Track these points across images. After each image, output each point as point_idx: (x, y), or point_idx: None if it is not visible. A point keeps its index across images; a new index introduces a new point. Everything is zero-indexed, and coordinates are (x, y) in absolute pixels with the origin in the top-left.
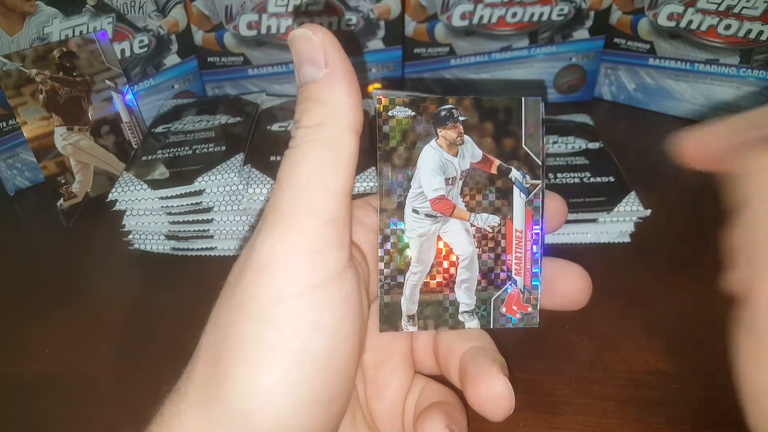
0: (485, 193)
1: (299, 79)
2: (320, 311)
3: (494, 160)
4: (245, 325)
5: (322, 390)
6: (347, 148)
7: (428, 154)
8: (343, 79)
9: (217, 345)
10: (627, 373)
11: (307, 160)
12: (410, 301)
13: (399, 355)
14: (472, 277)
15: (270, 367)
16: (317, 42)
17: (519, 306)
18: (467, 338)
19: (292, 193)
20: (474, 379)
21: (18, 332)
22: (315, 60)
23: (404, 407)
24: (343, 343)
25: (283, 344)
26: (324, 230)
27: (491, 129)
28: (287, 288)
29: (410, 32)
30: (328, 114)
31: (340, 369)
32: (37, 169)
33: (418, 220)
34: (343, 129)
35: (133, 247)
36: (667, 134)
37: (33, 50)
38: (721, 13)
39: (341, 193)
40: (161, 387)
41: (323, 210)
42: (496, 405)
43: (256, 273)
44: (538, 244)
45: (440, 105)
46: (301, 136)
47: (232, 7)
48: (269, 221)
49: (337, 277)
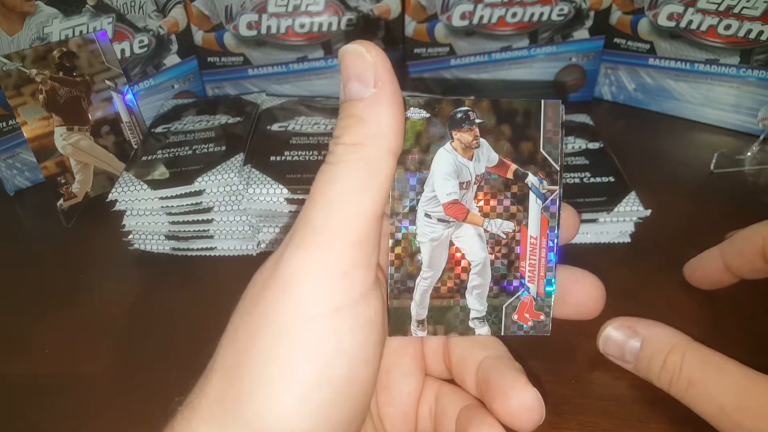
0: (500, 198)
1: (344, 94)
2: (343, 334)
3: (510, 164)
4: (265, 342)
5: (339, 413)
6: (384, 171)
7: (442, 158)
8: (390, 102)
9: (236, 361)
10: (627, 373)
11: (342, 178)
12: (420, 306)
13: (410, 360)
14: (484, 284)
15: (289, 388)
16: (370, 60)
17: (531, 314)
18: (481, 346)
19: (325, 211)
20: (502, 391)
21: (18, 332)
22: (364, 78)
23: (417, 412)
24: (363, 367)
25: (304, 366)
26: (352, 251)
27: (508, 132)
28: (311, 308)
29: (410, 32)
30: (370, 135)
31: (359, 392)
32: (37, 169)
33: (430, 224)
34: (382, 152)
35: (133, 247)
36: (667, 134)
37: (33, 50)
38: (721, 13)
39: (373, 215)
40: (161, 387)
41: (354, 231)
42: (528, 417)
43: (279, 290)
44: (553, 252)
45: (456, 107)
46: (339, 153)
47: (232, 7)
48: (298, 237)
49: (361, 300)
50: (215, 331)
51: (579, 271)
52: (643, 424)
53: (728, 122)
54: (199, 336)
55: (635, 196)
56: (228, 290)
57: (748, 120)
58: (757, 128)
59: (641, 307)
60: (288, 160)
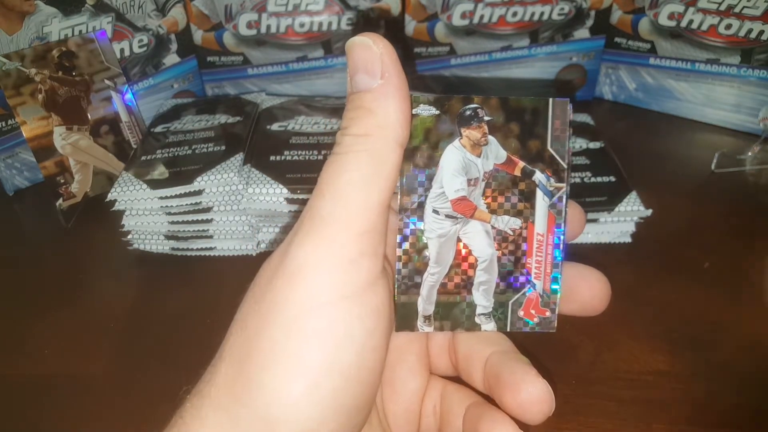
0: (508, 195)
1: (351, 86)
2: (351, 322)
3: (518, 161)
4: (274, 331)
5: (348, 401)
6: (391, 162)
7: (451, 154)
8: (397, 93)
9: (244, 349)
10: (627, 373)
11: (350, 169)
12: (427, 301)
13: (415, 357)
14: (490, 280)
15: (298, 376)
16: (377, 52)
17: (537, 310)
18: (488, 342)
19: (332, 201)
20: (512, 385)
21: (18, 332)
22: (371, 70)
23: (421, 409)
24: (371, 354)
25: (313, 354)
26: (359, 241)
27: (516, 130)
28: (319, 297)
29: (410, 32)
30: (378, 126)
31: (367, 380)
32: (36, 168)
33: (438, 220)
34: (389, 142)
35: (132, 247)
36: (668, 134)
37: (32, 50)
38: (722, 12)
39: (380, 205)
40: (161, 386)
41: (361, 221)
42: (539, 409)
43: (288, 279)
44: (560, 248)
45: (465, 104)
46: (347, 144)
47: (231, 7)
48: (306, 227)
49: (368, 289)
50: (215, 331)
51: (584, 268)
52: (643, 424)
53: (729, 122)
54: (198, 336)
55: (636, 196)
56: (228, 290)
57: (749, 120)
58: (758, 128)
59: (642, 307)
60: (288, 159)
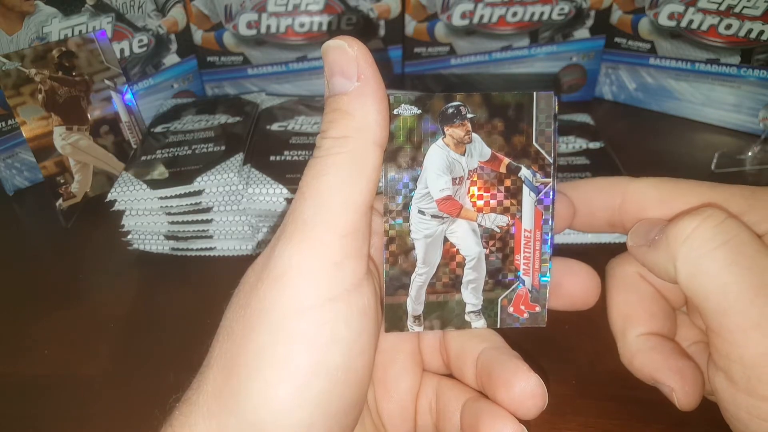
0: (494, 192)
1: (328, 89)
2: (337, 325)
3: (503, 158)
4: (260, 336)
5: (337, 403)
6: (371, 163)
7: (435, 154)
8: (373, 95)
9: (231, 355)
10: (627, 373)
11: (330, 172)
12: (416, 302)
13: (407, 356)
14: (479, 278)
15: (286, 380)
16: (352, 54)
17: (527, 306)
18: (479, 339)
19: (314, 204)
20: (505, 380)
21: (18, 332)
22: (347, 72)
23: (417, 407)
24: (359, 356)
25: (299, 357)
26: (343, 243)
27: (501, 126)
28: (304, 300)
29: (410, 31)
30: (356, 128)
31: (355, 382)
32: (36, 168)
33: (424, 221)
34: (368, 144)
35: (132, 247)
36: (668, 134)
37: (32, 50)
38: (722, 12)
39: (362, 206)
40: (160, 387)
41: (343, 223)
42: (533, 403)
43: (272, 283)
44: (548, 244)
45: (447, 102)
46: (326, 147)
47: (231, 7)
48: (289, 231)
49: (353, 290)
50: (214, 331)
51: (574, 263)
52: (643, 424)
53: (729, 122)
54: (198, 336)
55: None
56: (227, 290)
57: (749, 120)
58: (758, 128)
59: None
60: (288, 159)
